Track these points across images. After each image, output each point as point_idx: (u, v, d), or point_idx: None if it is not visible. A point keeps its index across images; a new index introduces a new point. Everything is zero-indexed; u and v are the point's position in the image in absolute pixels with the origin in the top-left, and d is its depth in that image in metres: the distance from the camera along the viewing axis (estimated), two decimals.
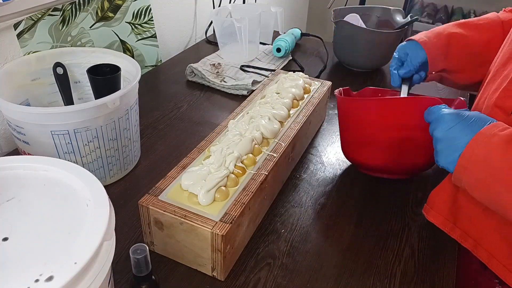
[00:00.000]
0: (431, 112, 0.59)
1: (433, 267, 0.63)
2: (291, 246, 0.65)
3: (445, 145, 0.54)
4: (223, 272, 0.58)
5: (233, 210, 0.57)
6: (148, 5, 1.09)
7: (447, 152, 0.54)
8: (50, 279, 0.36)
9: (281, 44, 1.23)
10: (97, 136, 0.67)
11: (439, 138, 0.55)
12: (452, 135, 0.53)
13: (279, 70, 0.97)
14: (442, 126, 0.55)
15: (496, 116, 0.55)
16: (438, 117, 0.57)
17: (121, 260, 0.61)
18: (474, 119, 0.53)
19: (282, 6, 1.98)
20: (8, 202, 0.44)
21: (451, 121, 0.54)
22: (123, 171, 0.77)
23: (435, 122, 0.57)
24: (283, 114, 0.76)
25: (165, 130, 0.92)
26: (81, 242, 0.39)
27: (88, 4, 0.93)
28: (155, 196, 0.59)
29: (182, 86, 1.10)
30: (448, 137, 0.54)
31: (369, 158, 0.74)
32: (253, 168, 0.65)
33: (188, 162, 0.66)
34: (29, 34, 0.83)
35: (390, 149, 0.70)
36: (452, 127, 0.54)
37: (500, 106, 0.58)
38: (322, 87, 0.90)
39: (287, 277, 0.60)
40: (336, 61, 1.28)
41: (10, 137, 0.83)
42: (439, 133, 0.55)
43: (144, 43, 1.13)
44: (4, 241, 0.39)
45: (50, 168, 0.48)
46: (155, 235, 0.60)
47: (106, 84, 0.74)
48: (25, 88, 0.76)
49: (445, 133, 0.54)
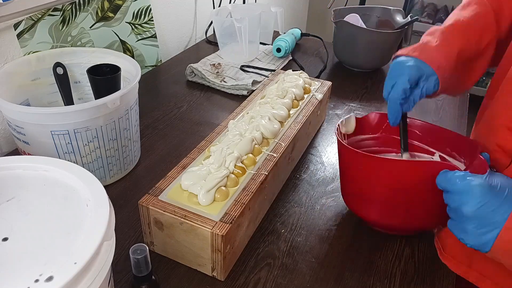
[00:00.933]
0: (449, 180, 0.50)
1: (433, 267, 0.63)
2: (291, 246, 0.65)
3: (477, 224, 0.46)
4: (223, 272, 0.58)
5: (233, 210, 0.57)
6: (148, 5, 1.09)
7: (480, 232, 0.46)
8: (50, 279, 0.36)
9: (281, 44, 1.23)
10: (97, 136, 0.67)
11: (470, 216, 0.47)
12: (486, 212, 0.45)
13: (279, 70, 0.97)
14: (472, 201, 0.46)
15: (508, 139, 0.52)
16: (463, 188, 0.48)
17: (121, 260, 0.61)
18: (509, 190, 0.46)
19: (282, 6, 1.98)
20: (8, 202, 0.44)
21: (483, 196, 0.46)
22: (123, 171, 0.77)
23: (459, 195, 0.48)
24: (283, 114, 0.76)
25: (165, 130, 0.92)
26: (81, 242, 0.39)
27: (88, 4, 0.93)
28: (155, 196, 0.59)
29: (182, 86, 1.10)
30: (481, 216, 0.46)
31: (373, 215, 0.65)
32: (253, 168, 0.65)
33: (188, 162, 0.66)
34: (29, 34, 0.83)
35: (395, 209, 0.62)
36: (486, 203, 0.46)
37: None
38: (322, 87, 0.90)
39: (287, 277, 0.60)
40: (336, 61, 1.28)
41: (10, 137, 0.83)
42: (469, 210, 0.47)
43: (144, 43, 1.13)
44: (4, 241, 0.39)
45: (50, 168, 0.48)
46: (155, 235, 0.60)
47: (106, 84, 0.74)
48: (25, 88, 0.76)
49: (478, 211, 0.46)
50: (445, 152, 0.68)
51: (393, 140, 0.72)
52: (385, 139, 0.73)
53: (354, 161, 0.63)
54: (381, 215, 0.64)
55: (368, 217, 0.66)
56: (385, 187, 0.60)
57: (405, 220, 0.63)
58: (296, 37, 1.32)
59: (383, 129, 0.73)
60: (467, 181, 0.48)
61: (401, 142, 0.67)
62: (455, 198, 0.49)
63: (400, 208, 0.61)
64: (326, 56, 1.28)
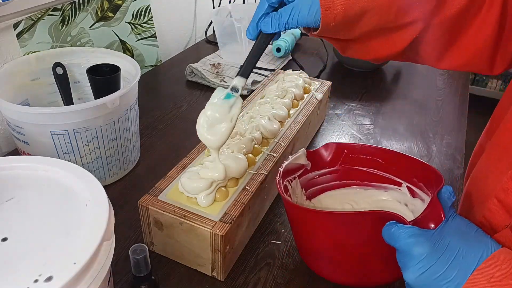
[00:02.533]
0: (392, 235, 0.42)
1: None
2: (291, 246, 0.65)
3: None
4: (223, 272, 0.58)
5: (233, 210, 0.57)
6: (148, 5, 1.09)
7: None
8: (49, 279, 0.36)
9: (281, 44, 1.23)
10: (97, 136, 0.67)
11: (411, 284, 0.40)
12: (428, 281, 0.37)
13: (278, 70, 0.97)
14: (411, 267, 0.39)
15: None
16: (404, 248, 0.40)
17: (121, 260, 0.61)
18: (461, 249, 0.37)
19: None
20: (7, 202, 0.44)
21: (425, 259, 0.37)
22: (123, 171, 0.77)
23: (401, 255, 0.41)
24: (283, 114, 0.76)
25: (165, 130, 0.92)
26: (81, 242, 0.39)
27: (88, 4, 0.93)
28: (155, 196, 0.59)
29: (182, 86, 1.10)
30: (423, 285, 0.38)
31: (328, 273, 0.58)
32: (253, 168, 0.65)
33: (188, 162, 0.65)
34: (28, 34, 0.83)
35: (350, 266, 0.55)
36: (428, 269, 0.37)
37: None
38: (322, 87, 0.90)
39: (287, 277, 0.60)
40: (336, 61, 1.28)
41: (10, 137, 0.83)
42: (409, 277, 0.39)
43: (144, 43, 1.13)
44: (4, 241, 0.39)
45: (49, 168, 0.48)
46: (155, 235, 0.60)
47: (105, 84, 0.74)
48: (25, 88, 0.76)
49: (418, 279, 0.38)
50: (412, 183, 0.61)
51: (355, 171, 0.65)
52: (345, 171, 0.65)
53: (297, 216, 0.56)
54: (334, 271, 0.57)
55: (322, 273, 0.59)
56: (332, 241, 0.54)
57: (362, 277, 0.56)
58: (296, 37, 1.32)
59: (341, 160, 0.65)
60: (409, 241, 0.40)
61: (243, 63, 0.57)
62: (400, 257, 0.41)
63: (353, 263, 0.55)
64: (326, 56, 1.28)
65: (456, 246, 0.37)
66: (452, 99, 1.09)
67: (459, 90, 1.14)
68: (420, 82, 1.18)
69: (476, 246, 0.36)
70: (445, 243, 0.38)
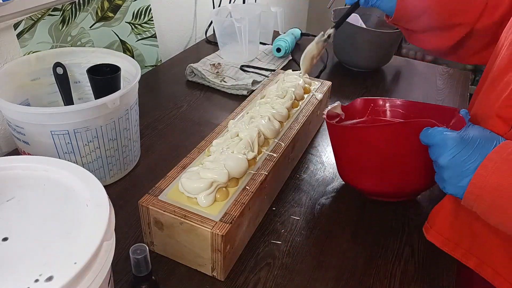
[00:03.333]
0: (429, 135, 0.55)
1: (433, 267, 0.63)
2: (291, 246, 0.65)
3: (452, 173, 0.51)
4: (223, 272, 0.58)
5: (233, 210, 0.57)
6: (148, 5, 1.09)
7: (455, 181, 0.51)
8: (50, 279, 0.36)
9: (281, 44, 1.23)
10: (97, 136, 0.67)
11: (445, 166, 0.52)
12: (458, 162, 0.50)
13: (279, 70, 0.97)
14: (446, 153, 0.52)
15: (497, 126, 0.54)
16: (439, 142, 0.53)
17: (121, 260, 0.61)
18: (480, 141, 0.50)
19: (282, 6, 1.98)
20: (7, 202, 0.44)
21: (455, 147, 0.51)
22: (123, 171, 0.77)
23: (437, 148, 0.54)
24: (283, 114, 0.76)
25: (165, 130, 0.92)
26: (81, 242, 0.39)
27: (88, 4, 0.93)
28: (155, 196, 0.59)
29: (182, 86, 1.10)
30: (454, 165, 0.51)
31: (366, 184, 0.71)
32: (253, 168, 0.65)
33: (188, 162, 0.65)
34: (29, 34, 0.83)
35: (387, 175, 0.67)
36: (458, 153, 0.50)
37: (502, 117, 0.54)
38: (322, 87, 0.90)
39: (287, 277, 0.60)
40: (336, 61, 1.28)
41: (10, 137, 0.83)
42: (444, 161, 0.52)
43: (144, 43, 1.13)
44: (4, 241, 0.39)
45: (50, 168, 0.48)
46: (155, 235, 0.60)
47: (106, 84, 0.74)
48: (25, 88, 0.76)
49: (451, 161, 0.51)
50: None
51: (380, 122, 0.77)
52: (372, 121, 0.78)
53: (343, 136, 0.69)
54: (373, 182, 0.69)
55: (363, 186, 0.71)
56: (375, 153, 0.65)
57: (398, 184, 0.68)
58: (296, 37, 1.32)
59: (369, 112, 0.78)
60: (443, 135, 0.53)
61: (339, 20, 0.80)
62: (434, 151, 0.54)
63: (393, 172, 0.66)
64: (326, 56, 1.28)
65: (477, 138, 0.50)
66: (452, 99, 1.09)
67: (459, 90, 1.14)
68: (420, 82, 1.18)
69: (491, 138, 0.50)
70: (469, 136, 0.51)
